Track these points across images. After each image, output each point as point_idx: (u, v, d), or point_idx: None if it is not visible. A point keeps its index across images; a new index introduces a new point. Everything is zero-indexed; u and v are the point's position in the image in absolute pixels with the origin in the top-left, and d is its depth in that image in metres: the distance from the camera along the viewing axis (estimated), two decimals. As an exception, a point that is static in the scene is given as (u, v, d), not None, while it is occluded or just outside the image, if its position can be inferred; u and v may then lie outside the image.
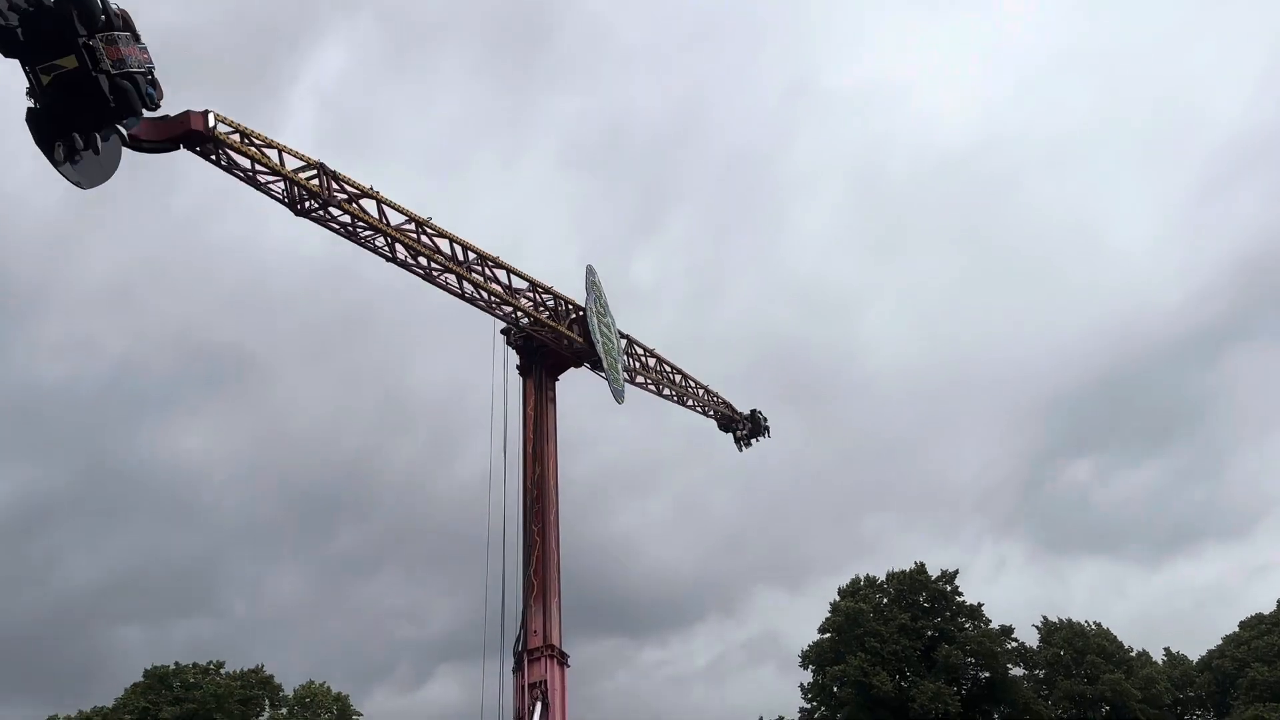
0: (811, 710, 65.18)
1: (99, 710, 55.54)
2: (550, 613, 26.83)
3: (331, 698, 56.09)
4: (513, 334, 30.72)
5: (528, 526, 28.04)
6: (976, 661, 61.55)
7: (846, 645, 61.26)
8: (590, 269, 31.63)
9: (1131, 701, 59.22)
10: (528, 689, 25.78)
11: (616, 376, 31.88)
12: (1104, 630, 65.43)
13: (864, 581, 65.61)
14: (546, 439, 29.31)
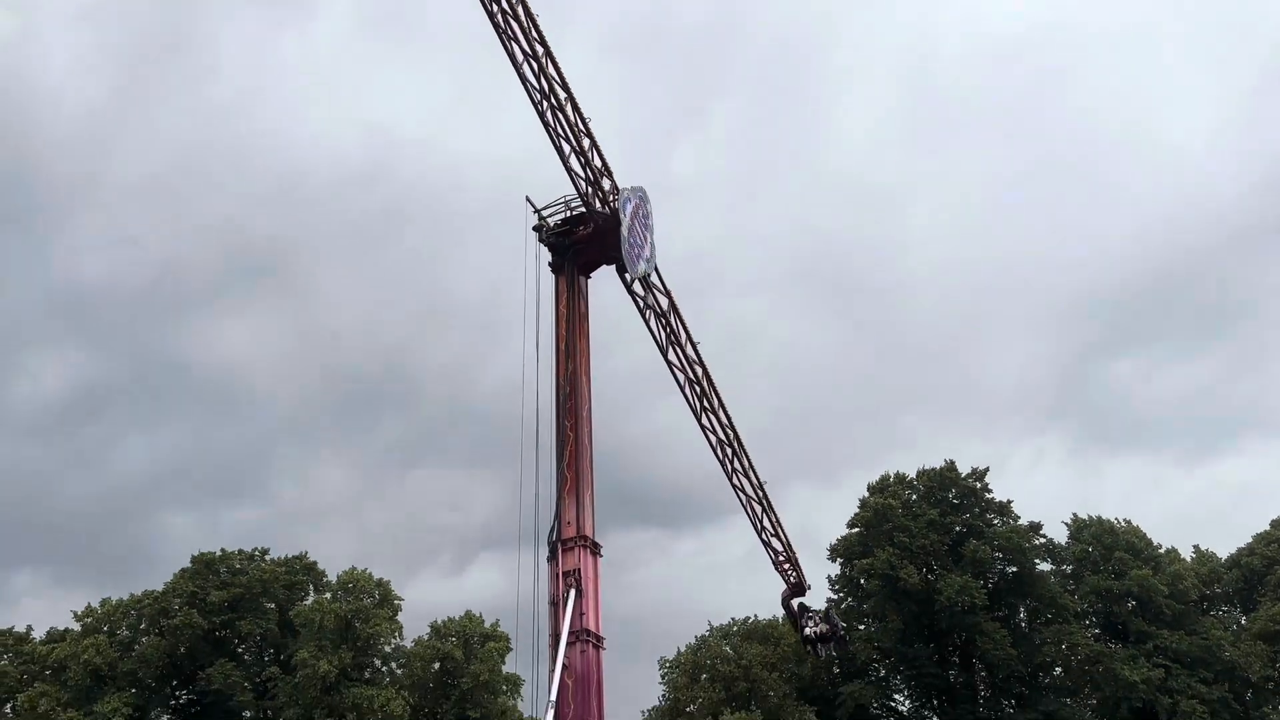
0: (839, 601, 66.63)
1: (149, 594, 57.89)
2: (583, 505, 27.46)
3: (373, 583, 58.05)
4: (544, 231, 30.73)
5: (560, 422, 28.50)
6: (1004, 556, 62.36)
7: (875, 540, 62.20)
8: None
9: (1158, 597, 59.90)
10: (562, 577, 26.56)
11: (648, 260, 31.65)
12: (1133, 527, 65.84)
13: (894, 478, 66.22)
14: (579, 336, 29.54)
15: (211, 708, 56.92)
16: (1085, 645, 59.49)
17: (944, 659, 63.03)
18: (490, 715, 57.23)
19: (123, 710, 52.01)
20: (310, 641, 53.71)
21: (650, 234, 31.62)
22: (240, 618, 57.62)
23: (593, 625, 26.21)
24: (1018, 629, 61.98)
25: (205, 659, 56.44)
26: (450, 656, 57.22)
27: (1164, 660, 58.12)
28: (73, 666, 53.42)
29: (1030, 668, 60.67)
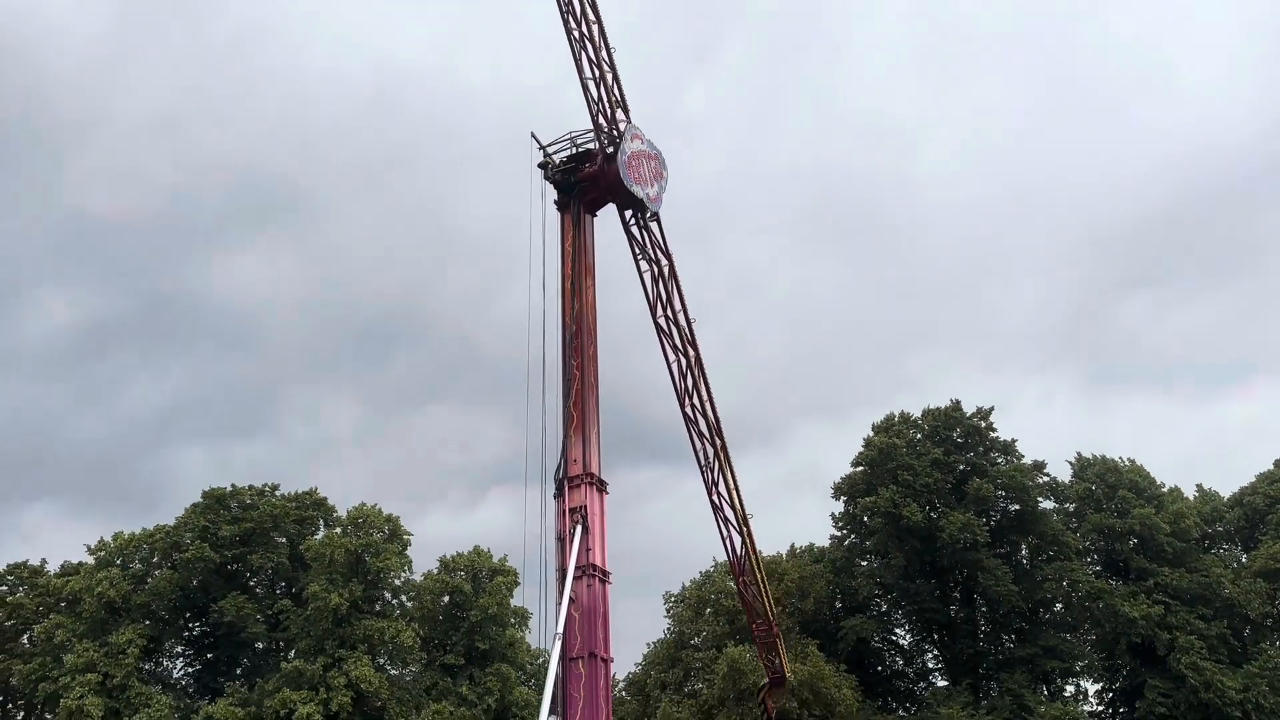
0: (841, 538, 67.34)
1: (161, 528, 58.63)
2: (589, 443, 27.71)
3: (383, 518, 58.72)
4: (550, 169, 30.56)
5: (567, 361, 28.65)
6: (1007, 495, 62.82)
7: (878, 478, 62.63)
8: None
9: (1159, 535, 60.42)
10: (568, 513, 26.90)
11: (660, 166, 31.37)
12: (1136, 466, 66.19)
13: (898, 418, 66.48)
14: (585, 274, 29.55)
15: (224, 639, 58.02)
16: (1086, 582, 60.17)
17: (945, 595, 63.87)
18: (499, 646, 58.25)
19: (137, 642, 53.00)
20: (321, 575, 54.51)
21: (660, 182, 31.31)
22: (251, 552, 58.44)
23: (599, 560, 26.62)
24: (1019, 566, 62.67)
25: (217, 592, 57.36)
26: (459, 590, 58.08)
27: (1164, 597, 58.82)
28: (87, 599, 54.33)
29: (1030, 604, 61.47)
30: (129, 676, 51.93)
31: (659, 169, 31.41)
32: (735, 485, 33.92)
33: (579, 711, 24.85)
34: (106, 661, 51.80)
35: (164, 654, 59.43)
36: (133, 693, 51.46)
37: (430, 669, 57.25)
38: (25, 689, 55.24)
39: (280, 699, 50.77)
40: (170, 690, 56.27)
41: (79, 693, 50.19)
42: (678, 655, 63.33)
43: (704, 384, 32.70)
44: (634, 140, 30.49)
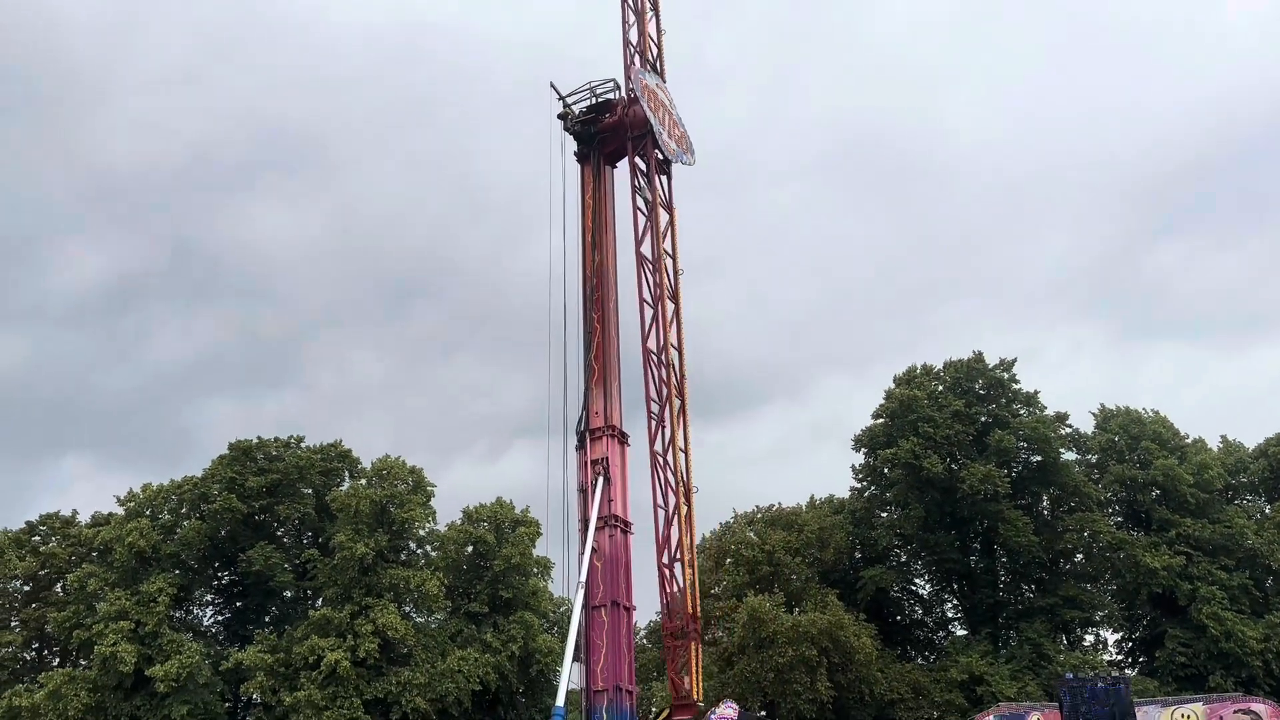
0: (861, 490, 67.52)
1: (189, 479, 59.43)
2: (610, 395, 27.86)
3: (406, 470, 59.31)
4: (569, 119, 30.38)
5: (588, 314, 28.70)
6: (1028, 446, 62.67)
7: (899, 430, 62.58)
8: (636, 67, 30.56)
9: (1182, 486, 60.19)
10: (590, 465, 27.11)
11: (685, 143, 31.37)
12: (1160, 417, 65.78)
13: (920, 369, 66.28)
14: (605, 228, 29.49)
15: (253, 588, 59.03)
16: (1107, 533, 60.15)
17: (965, 545, 64.05)
18: (522, 595, 59.01)
19: (168, 590, 53.99)
20: (347, 525, 55.24)
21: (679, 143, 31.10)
22: (278, 502, 59.23)
23: (620, 511, 26.88)
24: (1040, 517, 62.69)
25: (245, 542, 58.27)
26: (482, 540, 58.76)
27: (1186, 548, 58.76)
28: (118, 549, 55.27)
29: (1051, 554, 61.57)
30: (160, 624, 52.99)
31: (682, 133, 31.40)
32: (687, 448, 30.13)
33: (602, 658, 25.23)
34: (138, 610, 52.84)
35: (194, 602, 60.59)
36: (164, 640, 52.54)
37: (455, 617, 58.12)
38: (60, 636, 56.47)
39: (309, 646, 51.76)
40: (201, 637, 57.41)
41: (112, 639, 51.27)
42: (698, 604, 64.01)
43: (679, 335, 31.16)
44: (661, 92, 30.38)
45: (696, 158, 31.54)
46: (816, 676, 53.42)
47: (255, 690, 52.88)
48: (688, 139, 31.54)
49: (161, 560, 56.34)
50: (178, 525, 58.54)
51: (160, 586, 53.80)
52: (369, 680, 52.18)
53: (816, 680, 53.33)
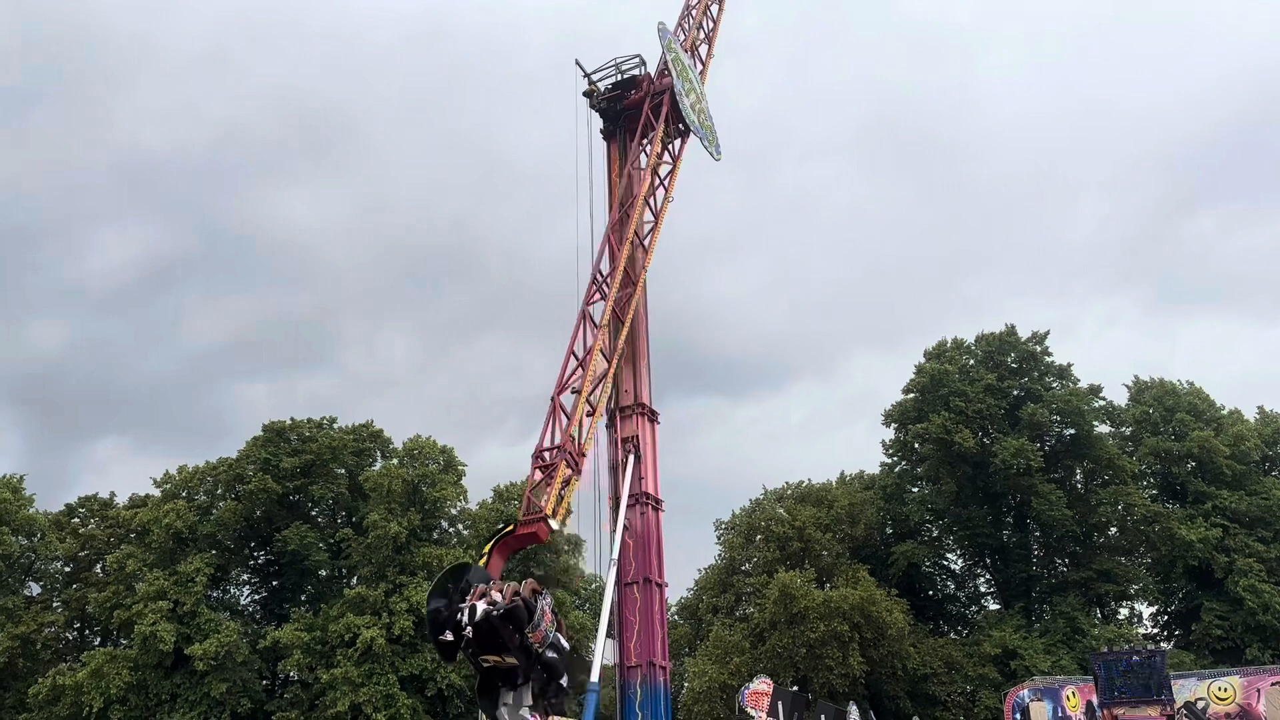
0: (892, 465, 67.26)
1: (224, 460, 60.14)
2: (640, 373, 27.81)
3: (438, 450, 59.72)
4: (595, 97, 30.23)
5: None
6: (1062, 419, 62.10)
7: (930, 405, 62.20)
8: (661, 28, 30.33)
9: (1218, 457, 59.48)
10: (621, 443, 27.13)
11: (711, 135, 31.24)
12: (1196, 389, 64.99)
13: (951, 343, 65.77)
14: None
15: (289, 567, 59.74)
16: (1142, 505, 59.61)
17: (998, 520, 63.70)
18: (553, 572, 59.40)
19: (205, 570, 54.75)
20: (380, 505, 55.73)
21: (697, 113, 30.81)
22: (312, 483, 59.84)
23: (651, 489, 26.90)
24: (1073, 490, 62.20)
25: (280, 522, 58.94)
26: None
27: (1222, 520, 58.12)
28: (155, 530, 56.08)
29: (1085, 528, 61.13)
30: (198, 603, 53.80)
31: (711, 125, 31.38)
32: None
33: (635, 634, 25.34)
34: (176, 589, 53.64)
35: (231, 582, 61.45)
36: (202, 619, 53.35)
37: (488, 595, 58.58)
38: (101, 616, 57.44)
39: (345, 623, 52.37)
40: (238, 616, 58.25)
41: (151, 619, 52.10)
42: (729, 580, 64.17)
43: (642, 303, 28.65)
44: (695, 80, 30.37)
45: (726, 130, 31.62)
46: (849, 652, 53.42)
47: (292, 668, 53.62)
48: (715, 133, 31.39)
49: (198, 541, 57.12)
50: (214, 506, 59.32)
51: (198, 566, 54.57)
52: (404, 657, 52.74)
53: (849, 655, 53.34)
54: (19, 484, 61.42)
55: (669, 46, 30.01)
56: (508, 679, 18.11)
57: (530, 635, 17.52)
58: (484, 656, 17.79)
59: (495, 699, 18.22)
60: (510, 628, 17.27)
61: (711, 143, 31.06)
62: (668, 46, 29.94)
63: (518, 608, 17.50)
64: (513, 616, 17.35)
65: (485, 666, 18.05)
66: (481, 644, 17.51)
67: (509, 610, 17.39)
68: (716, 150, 31.32)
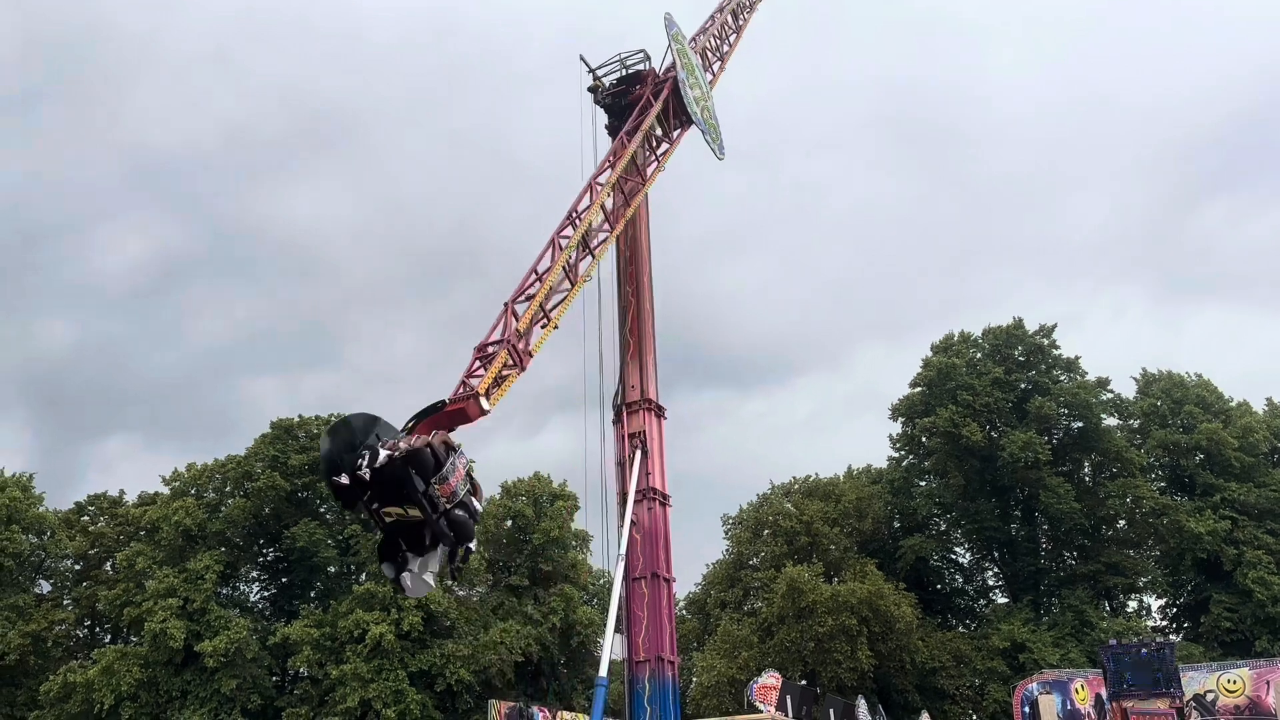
0: (900, 459, 67.23)
1: (233, 458, 60.30)
2: (646, 369, 27.79)
3: (445, 446, 59.77)
4: (600, 92, 30.17)
5: (622, 288, 28.62)
6: (1069, 412, 62.02)
7: (937, 399, 62.16)
8: (668, 18, 30.22)
9: (1227, 450, 59.36)
10: (627, 439, 27.12)
11: (715, 134, 31.19)
12: (1204, 381, 64.85)
13: (958, 337, 65.69)
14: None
15: (297, 564, 59.91)
16: (1150, 498, 59.51)
17: (1005, 513, 63.67)
18: (561, 568, 59.49)
19: (214, 567, 54.94)
20: (387, 501, 55.80)
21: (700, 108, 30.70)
22: (320, 479, 59.94)
23: (659, 484, 26.86)
24: (1081, 483, 62.14)
25: (289, 519, 59.11)
26: (521, 514, 59.22)
27: (1230, 512, 58.01)
28: (164, 527, 56.28)
29: (1093, 521, 61.06)
30: (208, 600, 53.98)
31: (716, 124, 31.32)
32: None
33: (643, 629, 25.36)
34: (186, 587, 53.82)
35: (240, 579, 61.63)
36: (212, 616, 53.53)
37: (496, 590, 58.71)
38: (111, 614, 57.67)
39: (354, 619, 52.50)
40: (248, 613, 58.44)
41: (161, 616, 52.32)
42: (736, 575, 64.26)
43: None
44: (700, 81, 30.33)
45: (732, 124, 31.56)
46: (857, 645, 53.47)
47: (302, 664, 53.81)
48: (719, 132, 31.31)
49: (207, 538, 57.30)
50: (223, 503, 59.49)
51: (207, 564, 54.75)
52: (413, 653, 52.88)
53: (857, 649, 53.39)
54: (29, 482, 61.64)
55: (675, 38, 29.93)
56: (413, 541, 16.59)
57: (437, 487, 16.00)
58: (385, 509, 16.30)
59: (399, 563, 16.75)
60: (413, 473, 15.78)
61: (715, 140, 30.94)
62: (674, 38, 29.85)
63: (422, 450, 15.97)
64: (416, 459, 15.84)
65: (388, 522, 16.51)
66: (383, 494, 16.01)
67: (412, 452, 15.85)
68: (720, 149, 31.21)
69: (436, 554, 16.77)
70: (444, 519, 16.21)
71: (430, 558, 16.74)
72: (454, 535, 16.46)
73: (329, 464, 15.98)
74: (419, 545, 16.59)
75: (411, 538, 16.56)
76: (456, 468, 16.52)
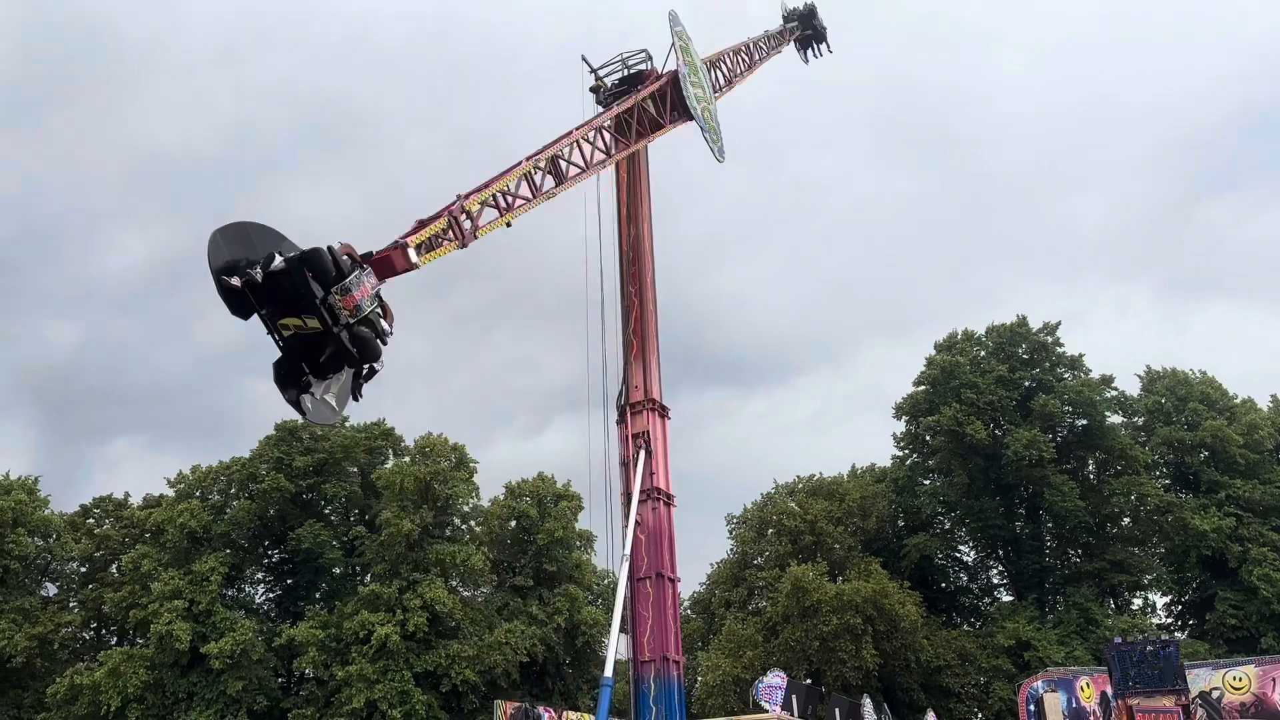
0: (903, 458, 67.22)
1: (237, 460, 60.42)
2: (649, 369, 27.82)
3: (449, 447, 59.88)
4: (601, 93, 30.22)
5: (625, 288, 28.65)
6: (1073, 410, 61.99)
7: (941, 397, 62.15)
8: (673, 15, 30.24)
9: (1231, 447, 59.31)
10: (631, 439, 27.15)
11: (715, 136, 31.21)
12: (1208, 378, 64.78)
13: (961, 335, 65.67)
14: (640, 201, 29.33)
15: (303, 565, 60.03)
16: (1155, 496, 59.48)
17: (1010, 511, 63.65)
18: (566, 568, 59.53)
19: (219, 569, 55.05)
20: (393, 502, 55.94)
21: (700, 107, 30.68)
22: (324, 481, 60.11)
23: (662, 484, 26.90)
24: (1086, 481, 62.10)
25: (294, 520, 59.22)
26: (525, 515, 59.26)
27: (1235, 509, 57.97)
28: (170, 530, 56.40)
29: (1098, 519, 61.03)
30: (213, 602, 54.09)
31: (717, 126, 31.34)
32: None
33: (648, 629, 25.40)
34: (191, 589, 53.94)
35: (245, 580, 61.76)
36: (218, 618, 53.64)
37: (501, 590, 58.77)
38: (117, 616, 57.80)
39: (359, 620, 52.59)
40: (253, 615, 58.52)
41: (167, 619, 52.43)
42: (741, 575, 64.28)
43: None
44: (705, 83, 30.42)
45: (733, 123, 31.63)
46: (862, 644, 53.48)
47: (308, 665, 53.89)
48: (720, 134, 31.34)
49: (212, 540, 57.43)
50: (227, 505, 59.62)
51: (212, 566, 54.87)
52: (419, 653, 52.94)
53: (862, 648, 53.41)
54: (34, 485, 61.80)
55: (679, 35, 29.95)
56: (316, 363, 15.41)
57: (339, 298, 14.86)
58: (283, 320, 15.07)
59: (301, 386, 15.48)
60: (310, 276, 14.60)
61: (715, 142, 30.93)
62: (678, 35, 29.87)
63: (320, 252, 14.73)
64: (314, 261, 14.64)
65: (286, 335, 15.23)
66: (279, 301, 14.79)
67: (308, 253, 14.66)
68: (719, 152, 31.21)
69: (342, 376, 15.81)
70: (346, 333, 15.15)
71: (334, 380, 15.72)
72: (357, 353, 15.49)
73: (220, 267, 14.59)
74: (321, 367, 15.46)
75: (314, 358, 15.37)
76: (362, 282, 15.38)
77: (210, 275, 14.57)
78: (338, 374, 15.71)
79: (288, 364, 15.47)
